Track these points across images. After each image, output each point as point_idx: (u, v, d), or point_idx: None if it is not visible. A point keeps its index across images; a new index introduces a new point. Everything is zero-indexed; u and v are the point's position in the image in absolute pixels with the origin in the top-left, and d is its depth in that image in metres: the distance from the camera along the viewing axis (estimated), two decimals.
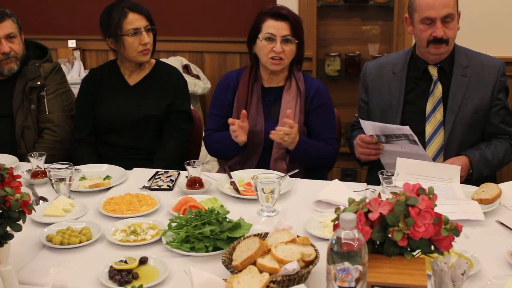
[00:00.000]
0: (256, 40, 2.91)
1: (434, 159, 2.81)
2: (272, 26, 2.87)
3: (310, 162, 2.94)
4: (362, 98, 3.06)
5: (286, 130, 2.73)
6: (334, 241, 1.49)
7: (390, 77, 2.93)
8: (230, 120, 2.80)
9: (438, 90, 2.82)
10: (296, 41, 2.88)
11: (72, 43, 5.35)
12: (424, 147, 2.82)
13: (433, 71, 2.83)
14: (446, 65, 2.84)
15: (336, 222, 1.64)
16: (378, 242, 1.60)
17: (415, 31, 2.83)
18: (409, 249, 1.59)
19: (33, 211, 1.85)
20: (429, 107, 2.83)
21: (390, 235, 1.56)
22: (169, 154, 3.10)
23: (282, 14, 2.87)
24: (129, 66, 3.18)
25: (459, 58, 2.84)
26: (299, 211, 2.33)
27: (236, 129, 2.79)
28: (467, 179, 2.69)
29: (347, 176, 4.43)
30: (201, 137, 3.41)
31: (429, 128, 2.82)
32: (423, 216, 1.56)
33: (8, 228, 1.80)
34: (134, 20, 3.04)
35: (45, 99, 3.19)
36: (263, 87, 3.00)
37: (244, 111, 2.81)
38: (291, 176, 2.61)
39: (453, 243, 1.63)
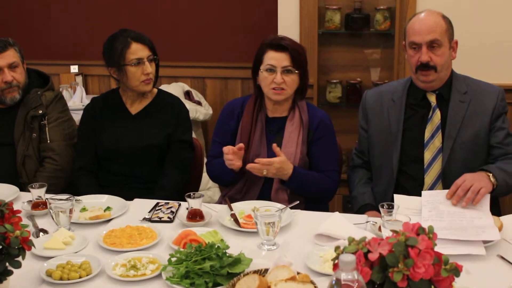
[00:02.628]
0: (258, 71, 2.93)
1: (433, 186, 2.81)
2: (272, 58, 2.88)
3: (307, 194, 2.93)
4: (362, 125, 3.07)
5: (260, 167, 2.75)
6: (334, 282, 1.49)
7: (389, 105, 2.94)
8: (224, 149, 2.82)
9: (436, 117, 2.83)
10: (297, 71, 2.89)
11: (74, 69, 5.37)
12: (423, 174, 2.82)
13: (432, 98, 2.84)
14: (444, 92, 2.85)
15: (336, 261, 1.63)
16: (378, 283, 1.59)
17: (406, 57, 2.86)
18: None
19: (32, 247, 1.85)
20: (427, 134, 2.83)
21: (390, 276, 1.55)
22: (171, 184, 3.10)
23: (281, 45, 2.88)
24: (131, 95, 3.19)
25: (457, 84, 2.85)
26: (300, 244, 2.32)
27: (231, 158, 2.80)
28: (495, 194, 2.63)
29: (348, 203, 4.41)
30: (202, 165, 3.42)
31: (427, 155, 2.82)
32: (423, 257, 1.55)
33: (7, 264, 1.81)
34: (137, 50, 3.06)
35: (47, 128, 3.20)
36: (267, 116, 3.01)
37: (242, 145, 2.83)
38: (291, 208, 2.61)
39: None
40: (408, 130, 2.89)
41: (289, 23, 4.42)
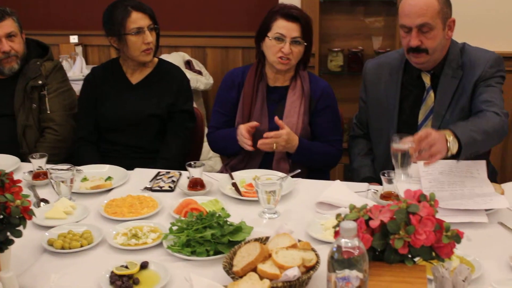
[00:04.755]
0: (265, 37, 2.89)
1: None
2: (283, 27, 2.84)
3: (312, 164, 2.94)
4: (362, 97, 3.04)
5: (270, 141, 2.76)
6: (335, 249, 1.48)
7: (386, 79, 2.89)
8: (242, 132, 2.81)
9: (430, 99, 2.78)
10: (305, 43, 2.86)
11: (74, 39, 5.34)
12: None
13: (426, 79, 2.78)
14: (438, 71, 2.77)
15: (337, 229, 1.63)
16: (379, 250, 1.59)
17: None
18: (410, 256, 1.58)
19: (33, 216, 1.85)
20: (421, 116, 2.79)
21: (391, 243, 1.55)
22: (173, 153, 3.09)
23: (293, 15, 2.84)
24: (131, 64, 3.17)
25: (451, 59, 2.75)
26: (301, 213, 2.32)
27: (250, 142, 2.80)
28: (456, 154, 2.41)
29: (349, 172, 4.41)
30: (203, 135, 3.41)
31: None
32: (424, 224, 1.55)
33: (8, 233, 1.80)
34: (138, 19, 3.03)
35: (47, 98, 3.19)
36: (268, 86, 2.99)
37: (255, 123, 2.83)
38: (293, 177, 2.60)
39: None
40: (403, 111, 2.84)
41: None
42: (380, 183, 2.42)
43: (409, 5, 2.65)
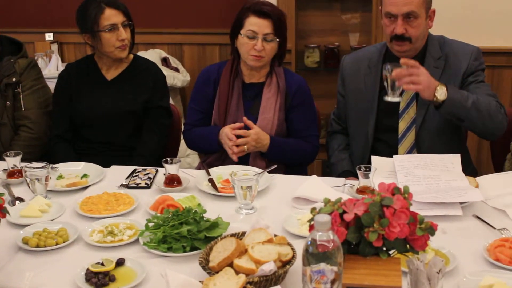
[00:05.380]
0: (238, 35, 2.89)
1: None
2: (254, 24, 2.83)
3: (287, 161, 2.94)
4: (340, 91, 3.06)
5: (241, 142, 2.77)
6: (309, 243, 1.49)
7: (365, 72, 2.92)
8: (231, 137, 2.79)
9: None
10: (278, 39, 2.86)
11: (49, 36, 5.29)
12: (397, 144, 2.82)
13: None
14: (419, 60, 2.76)
15: (312, 222, 1.63)
16: (353, 243, 1.60)
17: (382, 24, 2.82)
18: (384, 249, 1.59)
19: (7, 214, 1.84)
20: (402, 104, 2.81)
21: (365, 236, 1.56)
22: (149, 150, 3.08)
23: (264, 12, 2.83)
24: (106, 61, 3.15)
25: (432, 49, 2.81)
26: (277, 208, 2.33)
27: (237, 150, 2.79)
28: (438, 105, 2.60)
29: (327, 167, 4.43)
30: (179, 132, 3.40)
31: (402, 125, 2.81)
32: (398, 216, 1.56)
33: None
34: (111, 16, 3.01)
35: (21, 96, 3.16)
36: (243, 82, 2.99)
37: (240, 124, 2.82)
38: (269, 172, 2.61)
39: (430, 238, 1.63)
40: (382, 101, 2.86)
41: None
42: (358, 177, 2.43)
43: None
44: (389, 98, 2.61)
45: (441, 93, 2.56)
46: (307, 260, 1.48)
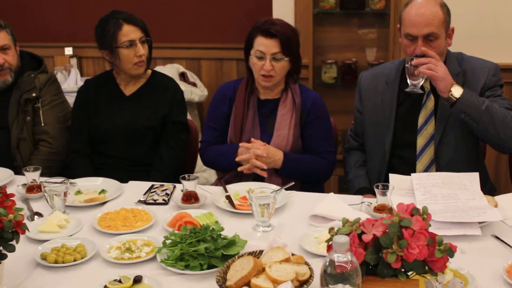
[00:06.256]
0: (249, 54, 2.90)
1: (425, 172, 2.79)
2: (261, 44, 2.84)
3: (302, 177, 2.93)
4: (357, 107, 3.05)
5: (257, 163, 2.80)
6: (327, 263, 1.49)
7: (383, 88, 2.91)
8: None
9: (430, 103, 2.80)
10: (286, 58, 2.85)
11: (68, 51, 5.34)
12: (415, 160, 2.81)
13: (426, 83, 2.77)
14: None
15: (330, 242, 1.63)
16: (372, 264, 1.59)
17: (401, 43, 2.82)
18: (403, 270, 1.58)
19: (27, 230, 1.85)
20: (421, 120, 2.80)
21: (383, 257, 1.55)
22: (166, 165, 3.09)
23: (271, 32, 2.82)
24: (125, 77, 3.18)
25: (450, 66, 2.77)
26: (295, 226, 2.32)
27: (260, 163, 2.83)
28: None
29: (344, 183, 4.41)
30: (197, 147, 3.41)
31: (420, 141, 2.80)
32: (417, 238, 1.55)
33: (1, 248, 1.80)
34: (129, 32, 3.03)
35: (40, 111, 3.19)
36: (259, 99, 3.00)
37: (252, 139, 2.85)
38: (286, 189, 2.61)
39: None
40: (402, 115, 2.86)
41: (284, 3, 4.39)
42: (375, 194, 2.41)
43: (416, 14, 2.68)
44: (409, 89, 2.66)
45: (457, 90, 2.60)
46: (325, 281, 1.48)
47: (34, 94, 3.17)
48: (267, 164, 2.82)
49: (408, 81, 2.67)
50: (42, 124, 3.18)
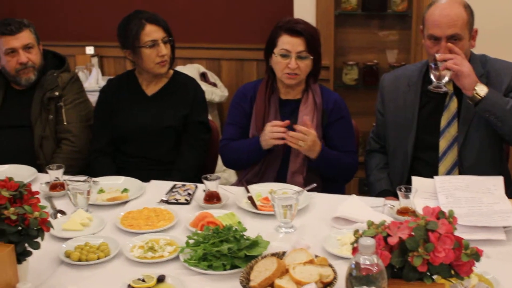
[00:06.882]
0: (272, 54, 2.90)
1: (447, 174, 2.78)
2: (287, 42, 2.84)
3: (331, 173, 2.93)
4: (379, 109, 3.04)
5: (300, 136, 2.72)
6: (353, 266, 1.48)
7: (405, 90, 2.90)
8: (280, 123, 2.79)
9: (453, 105, 2.78)
10: (311, 57, 2.86)
11: (90, 50, 5.37)
12: (437, 163, 2.79)
13: (449, 85, 2.75)
14: None
15: (355, 245, 1.62)
16: (397, 267, 1.58)
17: (424, 44, 2.81)
18: (428, 273, 1.57)
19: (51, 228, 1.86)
20: (443, 122, 2.79)
21: (409, 260, 1.54)
22: (188, 165, 3.10)
23: (297, 30, 2.83)
24: (147, 76, 3.19)
25: (474, 68, 2.72)
26: (317, 228, 2.31)
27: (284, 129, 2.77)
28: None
29: (365, 185, 4.40)
30: (218, 147, 3.41)
31: (443, 143, 2.79)
32: (443, 241, 1.54)
33: (26, 245, 1.82)
34: (152, 32, 3.04)
35: (63, 110, 3.21)
36: (280, 99, 2.99)
37: (288, 121, 2.79)
38: (308, 191, 2.60)
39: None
40: (424, 117, 2.84)
41: (305, 3, 4.39)
42: (397, 196, 2.41)
43: (440, 15, 2.66)
44: (433, 85, 2.63)
45: (482, 88, 2.59)
46: (351, 284, 1.47)
47: (57, 93, 3.20)
48: (309, 149, 2.78)
49: (432, 77, 2.64)
50: (65, 123, 3.21)
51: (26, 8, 5.46)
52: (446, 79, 2.61)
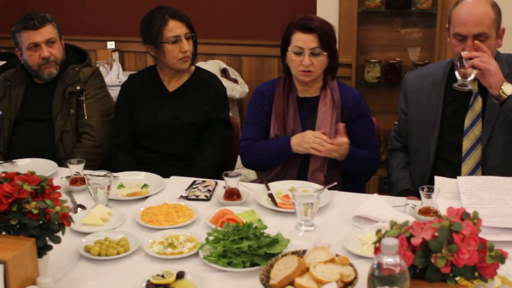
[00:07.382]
0: (286, 52, 2.89)
1: (471, 175, 2.74)
2: (300, 39, 2.82)
3: (355, 170, 2.93)
4: (402, 108, 3.01)
5: (335, 148, 2.74)
6: (375, 266, 1.46)
7: (429, 89, 2.87)
8: (324, 137, 2.79)
9: (478, 104, 2.75)
10: (325, 53, 2.84)
11: (111, 45, 5.40)
12: (460, 163, 2.76)
13: (473, 85, 2.72)
14: None
15: (378, 245, 1.60)
16: (420, 268, 1.56)
17: (449, 43, 2.77)
18: (452, 275, 1.54)
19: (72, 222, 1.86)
20: (467, 122, 2.75)
21: (433, 261, 1.52)
22: (209, 161, 3.09)
23: (309, 27, 2.81)
24: (168, 72, 3.18)
25: (500, 67, 2.72)
26: (338, 226, 2.29)
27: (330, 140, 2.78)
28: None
29: (385, 184, 4.37)
30: (238, 144, 3.39)
31: (466, 143, 2.75)
32: (467, 243, 1.52)
33: (47, 239, 1.82)
34: (175, 28, 3.04)
35: (84, 104, 3.22)
36: (298, 97, 2.97)
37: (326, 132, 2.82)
38: (329, 189, 2.58)
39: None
40: (447, 116, 2.81)
41: (328, 1, 4.35)
42: (419, 196, 2.38)
43: (466, 13, 2.63)
44: (458, 83, 2.61)
45: (508, 87, 2.55)
46: (373, 284, 1.45)
47: (78, 87, 3.20)
48: (338, 156, 2.79)
49: (457, 75, 2.61)
50: (86, 117, 3.22)
51: (49, 2, 5.49)
52: (472, 77, 2.58)
